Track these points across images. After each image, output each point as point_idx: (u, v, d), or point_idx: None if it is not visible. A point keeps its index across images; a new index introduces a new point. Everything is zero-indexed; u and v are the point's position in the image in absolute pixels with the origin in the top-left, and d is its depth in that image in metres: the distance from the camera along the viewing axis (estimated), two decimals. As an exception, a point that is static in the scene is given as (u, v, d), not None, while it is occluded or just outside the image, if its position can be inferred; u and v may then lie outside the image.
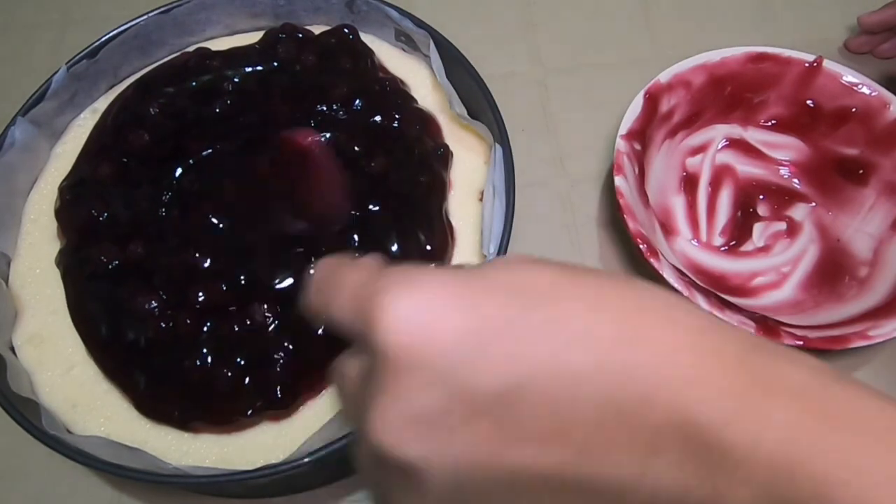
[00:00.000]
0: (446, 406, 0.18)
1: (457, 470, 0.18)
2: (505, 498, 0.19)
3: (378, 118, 0.42)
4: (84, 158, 0.43)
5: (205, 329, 0.36)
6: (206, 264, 0.37)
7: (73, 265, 0.39)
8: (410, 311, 0.18)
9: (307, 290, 0.22)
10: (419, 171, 0.40)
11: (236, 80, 0.44)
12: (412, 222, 0.38)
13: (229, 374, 0.35)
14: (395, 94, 0.43)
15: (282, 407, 0.35)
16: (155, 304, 0.36)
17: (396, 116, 0.42)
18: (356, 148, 0.40)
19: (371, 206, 0.39)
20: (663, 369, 0.17)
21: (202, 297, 0.36)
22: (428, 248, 0.38)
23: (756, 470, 0.17)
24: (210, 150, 0.41)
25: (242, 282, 0.37)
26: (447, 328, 0.18)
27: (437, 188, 0.40)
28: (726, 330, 0.19)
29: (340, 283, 0.21)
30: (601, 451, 0.18)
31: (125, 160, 0.41)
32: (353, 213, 0.39)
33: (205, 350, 0.35)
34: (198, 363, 0.35)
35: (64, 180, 0.42)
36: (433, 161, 0.41)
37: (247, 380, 0.35)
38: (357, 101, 0.42)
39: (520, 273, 0.19)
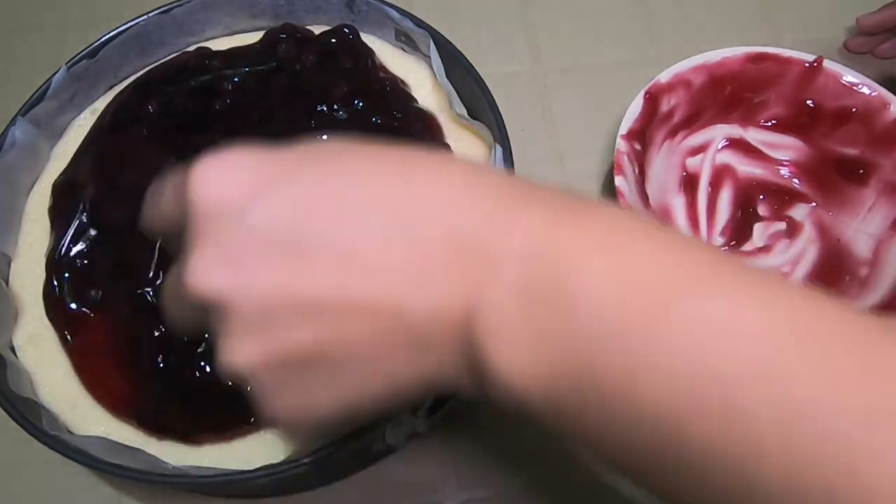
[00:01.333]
0: (246, 245, 0.21)
1: (258, 299, 0.21)
2: (303, 323, 0.21)
3: (378, 118, 0.42)
4: (80, 156, 0.43)
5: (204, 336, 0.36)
6: None
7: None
8: (215, 169, 0.22)
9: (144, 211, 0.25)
10: None
11: (236, 79, 0.44)
12: None
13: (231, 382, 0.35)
14: (395, 93, 0.43)
15: None
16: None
17: (397, 116, 0.42)
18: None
19: None
20: (436, 196, 0.20)
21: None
22: None
23: (509, 264, 0.19)
24: (209, 150, 0.41)
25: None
26: (244, 177, 0.21)
27: None
28: (492, 170, 0.22)
29: (164, 187, 0.24)
30: (380, 273, 0.20)
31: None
32: None
33: (203, 362, 0.35)
34: (198, 374, 0.35)
35: (58, 178, 0.42)
36: None
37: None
38: (357, 101, 0.42)
39: (322, 142, 0.23)
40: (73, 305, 0.38)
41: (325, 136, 0.41)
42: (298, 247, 0.20)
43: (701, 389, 0.17)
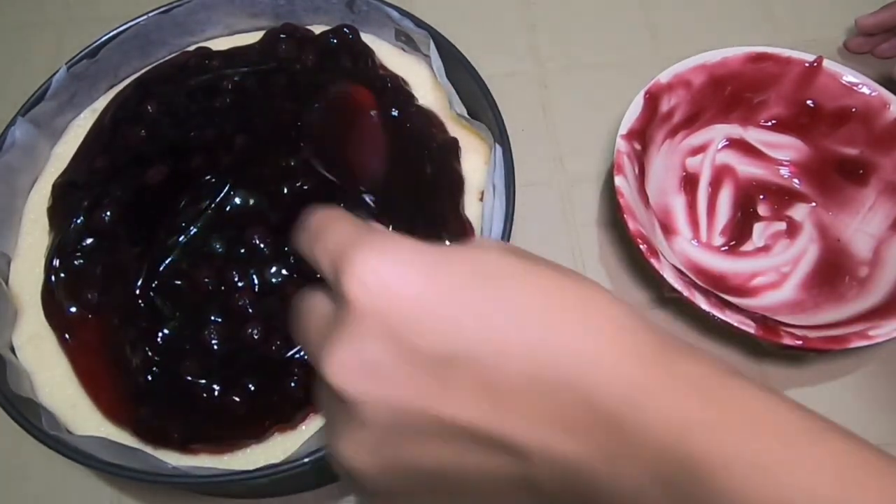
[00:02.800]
0: (393, 357, 0.20)
1: (391, 411, 0.21)
2: (429, 443, 0.21)
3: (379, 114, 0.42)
4: (79, 157, 0.43)
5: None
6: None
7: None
8: (378, 267, 0.21)
9: (302, 228, 0.25)
10: (430, 165, 0.40)
11: (236, 79, 0.44)
12: (426, 219, 0.38)
13: (237, 398, 0.35)
14: (395, 91, 0.43)
15: (287, 423, 0.35)
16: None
17: (400, 112, 0.42)
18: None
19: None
20: (583, 353, 0.20)
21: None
22: (447, 244, 0.38)
23: (647, 450, 0.18)
24: (206, 149, 0.41)
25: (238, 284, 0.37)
26: (408, 289, 0.20)
27: (452, 182, 0.40)
28: (645, 328, 0.21)
29: (330, 230, 0.23)
30: (515, 414, 0.20)
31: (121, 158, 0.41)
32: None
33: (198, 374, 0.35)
34: (190, 383, 0.35)
35: (58, 178, 0.42)
36: (446, 154, 0.41)
37: (255, 403, 0.35)
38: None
39: (486, 255, 0.22)
40: (71, 307, 0.38)
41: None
42: (442, 370, 0.20)
43: None
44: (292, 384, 0.35)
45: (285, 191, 0.38)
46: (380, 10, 0.45)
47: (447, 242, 0.38)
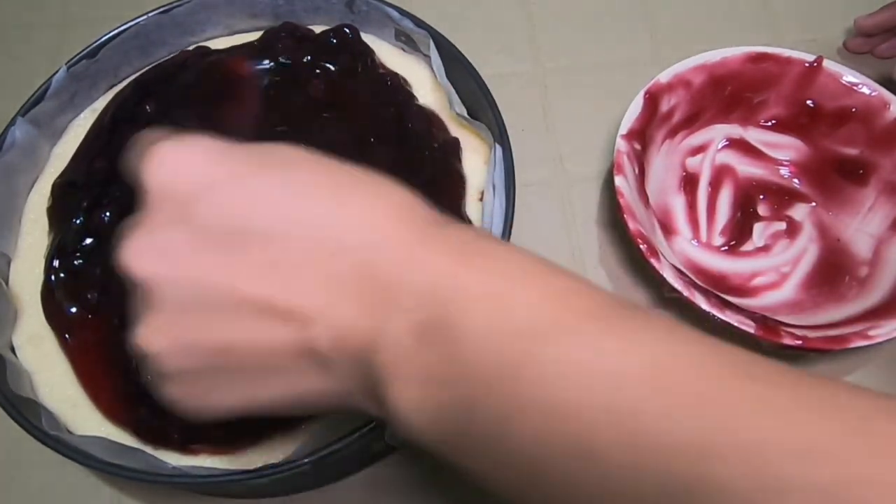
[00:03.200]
0: (185, 238, 0.22)
1: (182, 290, 0.22)
2: (219, 318, 0.22)
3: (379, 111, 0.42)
4: (78, 157, 0.43)
5: None
6: None
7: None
8: (171, 155, 0.22)
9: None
10: (431, 165, 0.40)
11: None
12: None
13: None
14: (396, 90, 0.44)
15: (287, 423, 0.35)
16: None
17: (401, 111, 0.42)
18: (372, 139, 0.40)
19: None
20: (360, 226, 0.21)
21: None
22: None
23: (409, 303, 0.20)
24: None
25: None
26: (199, 172, 0.22)
27: (453, 182, 0.40)
28: (420, 205, 0.23)
29: (140, 140, 0.24)
30: (298, 284, 0.21)
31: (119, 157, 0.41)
32: None
33: None
34: None
35: (58, 178, 0.42)
36: (447, 154, 0.41)
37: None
38: (358, 98, 0.42)
39: (278, 147, 0.23)
40: (71, 307, 0.38)
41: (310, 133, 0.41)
42: (230, 247, 0.21)
43: (563, 434, 0.18)
44: None
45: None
46: (380, 10, 0.45)
47: None
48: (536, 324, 0.19)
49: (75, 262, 0.38)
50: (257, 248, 0.21)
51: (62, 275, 0.38)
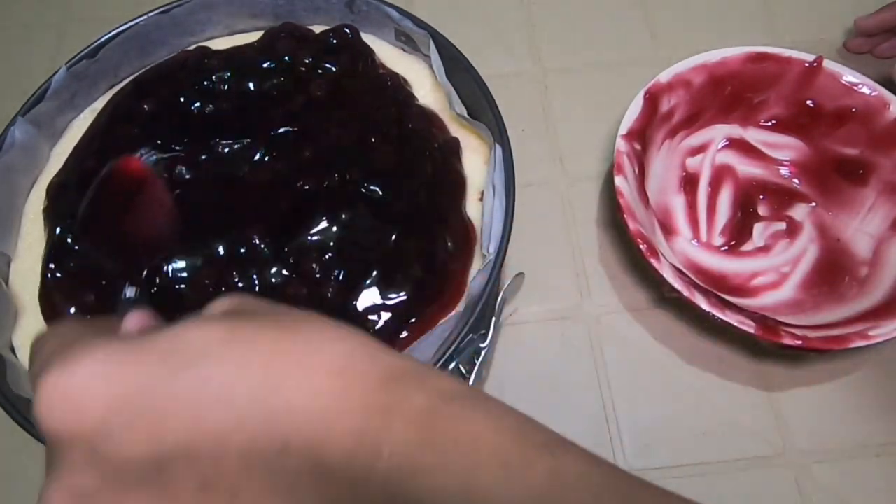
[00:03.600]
0: (100, 482, 0.19)
1: None
2: None
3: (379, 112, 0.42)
4: (73, 157, 0.43)
5: None
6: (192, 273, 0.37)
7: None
8: (59, 391, 0.19)
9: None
10: (432, 165, 0.40)
11: (234, 78, 0.44)
12: (428, 219, 0.38)
13: None
14: (396, 90, 0.44)
15: None
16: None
17: (402, 111, 0.42)
18: (373, 139, 0.40)
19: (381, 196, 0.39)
20: (297, 416, 0.19)
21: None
22: (449, 244, 0.38)
23: (375, 492, 0.18)
24: (205, 149, 0.41)
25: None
26: (94, 404, 0.19)
27: (454, 182, 0.40)
28: (364, 364, 0.20)
29: (35, 357, 0.22)
30: (250, 500, 0.19)
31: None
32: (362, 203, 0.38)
33: None
34: None
35: (53, 179, 0.42)
36: (447, 154, 0.41)
37: None
38: (357, 98, 0.42)
39: (182, 335, 0.20)
40: (69, 308, 0.38)
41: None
42: (156, 480, 0.19)
43: None
44: None
45: (285, 191, 0.38)
46: (380, 10, 0.45)
47: (449, 244, 0.38)
48: None
49: (71, 264, 0.38)
50: (184, 473, 0.19)
51: (58, 275, 0.38)
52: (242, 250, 0.37)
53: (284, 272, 0.37)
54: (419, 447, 0.19)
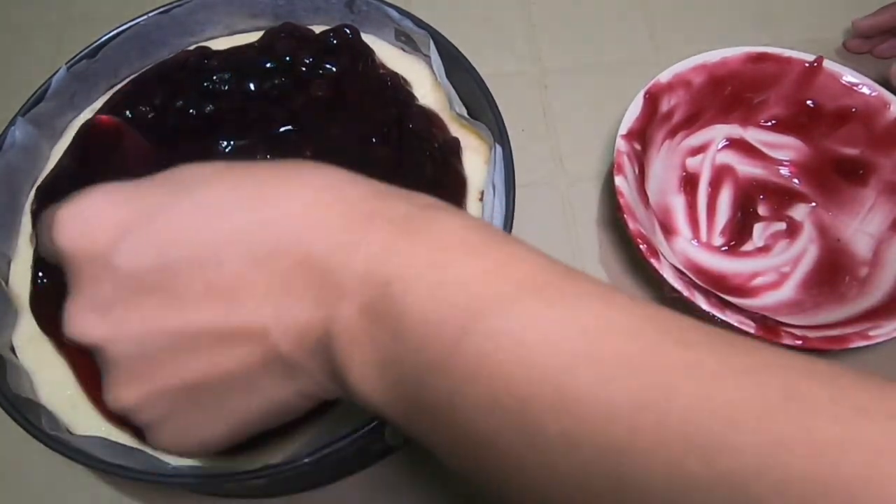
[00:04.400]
0: (117, 290, 0.21)
1: (133, 342, 0.21)
2: (178, 358, 0.21)
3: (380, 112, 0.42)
4: (64, 160, 0.42)
5: None
6: None
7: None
8: (76, 213, 0.22)
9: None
10: (432, 165, 0.40)
11: (234, 78, 0.44)
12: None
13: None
14: (396, 90, 0.44)
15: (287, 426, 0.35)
16: None
17: (402, 111, 0.42)
18: (373, 139, 0.40)
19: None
20: (287, 222, 0.21)
21: None
22: None
23: (353, 286, 0.20)
24: (202, 151, 0.40)
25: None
26: (106, 221, 0.21)
27: (454, 182, 0.40)
28: (350, 183, 0.22)
29: (46, 212, 0.24)
30: (245, 300, 0.21)
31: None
32: None
33: None
34: None
35: (42, 182, 0.42)
36: (447, 154, 0.41)
37: None
38: (358, 98, 0.42)
39: (181, 171, 0.23)
40: (61, 312, 0.37)
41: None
42: (165, 286, 0.21)
43: (503, 408, 0.18)
44: None
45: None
46: (380, 10, 0.45)
47: None
48: (474, 298, 0.19)
49: (56, 269, 0.38)
50: (189, 278, 0.21)
51: (45, 281, 0.38)
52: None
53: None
54: (393, 238, 0.20)
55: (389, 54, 0.46)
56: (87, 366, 0.37)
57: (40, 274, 0.39)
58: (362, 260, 0.20)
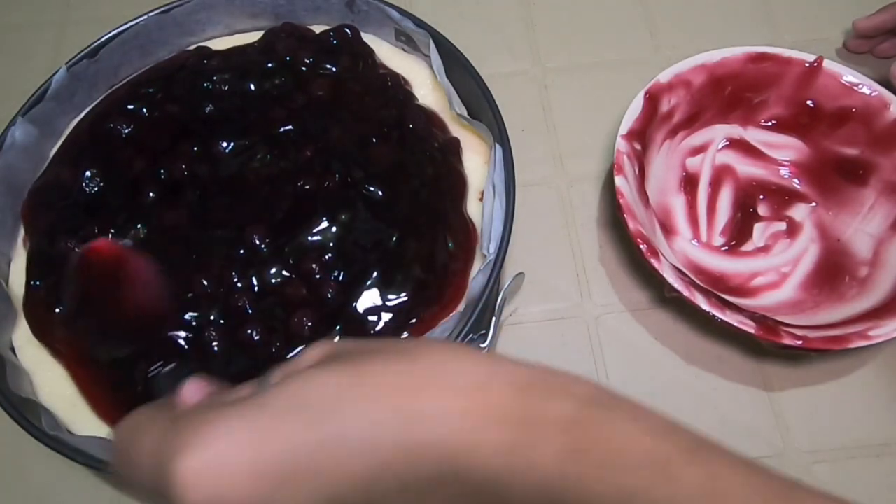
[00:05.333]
0: None
1: None
2: None
3: (381, 111, 0.42)
4: (54, 163, 0.43)
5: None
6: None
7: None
8: (201, 472, 0.19)
9: (114, 454, 0.23)
10: (432, 165, 0.40)
11: (235, 78, 0.44)
12: (428, 219, 0.38)
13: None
14: (396, 90, 0.44)
15: None
16: None
17: (402, 111, 0.42)
18: (374, 139, 0.41)
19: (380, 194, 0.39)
20: (442, 444, 0.19)
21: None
22: (450, 245, 0.38)
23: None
24: (202, 151, 0.40)
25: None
26: (240, 479, 0.19)
27: (454, 182, 0.40)
28: (493, 377, 0.20)
29: (139, 449, 0.21)
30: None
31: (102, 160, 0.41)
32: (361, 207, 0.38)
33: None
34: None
35: (35, 183, 0.42)
36: (447, 154, 0.41)
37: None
38: (359, 99, 0.42)
39: (303, 389, 0.20)
40: (51, 321, 0.37)
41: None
42: None
43: None
44: None
45: (285, 191, 0.38)
46: (380, 10, 0.45)
47: (450, 244, 0.38)
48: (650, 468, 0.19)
49: (50, 276, 0.38)
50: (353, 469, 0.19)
51: (38, 284, 0.38)
52: (242, 251, 0.37)
53: (284, 272, 0.37)
54: (572, 456, 0.19)
55: (389, 54, 0.46)
56: (81, 375, 0.37)
57: (34, 282, 0.39)
58: (536, 485, 0.19)
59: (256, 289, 0.36)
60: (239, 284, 0.36)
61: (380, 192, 0.38)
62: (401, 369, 0.20)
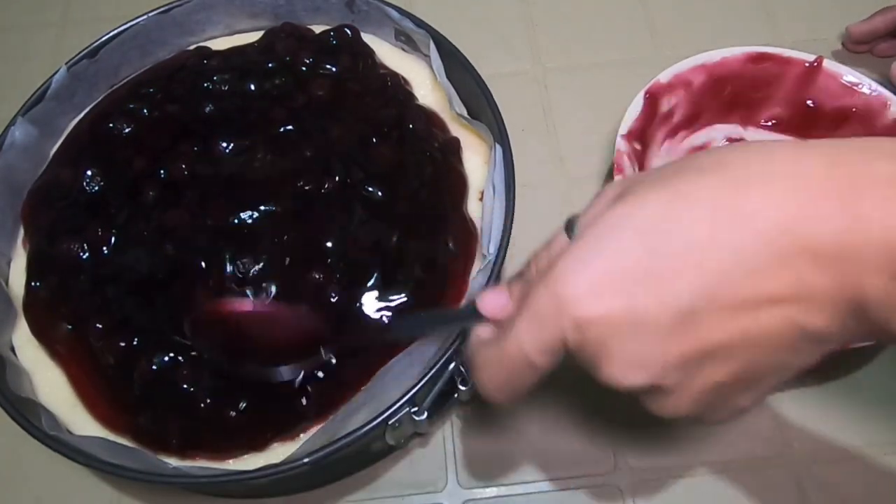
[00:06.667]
0: (651, 338, 0.22)
1: (680, 364, 0.23)
2: (722, 360, 0.23)
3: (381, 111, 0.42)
4: (60, 158, 0.43)
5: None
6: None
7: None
8: (589, 289, 0.23)
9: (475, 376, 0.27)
10: (432, 164, 0.40)
11: (235, 79, 0.44)
12: (429, 218, 0.38)
13: (232, 413, 0.34)
14: (396, 89, 0.44)
15: (287, 434, 0.35)
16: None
17: (402, 111, 0.42)
18: (374, 139, 0.41)
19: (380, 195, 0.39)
20: (775, 227, 0.21)
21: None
22: (450, 245, 0.38)
23: (879, 259, 0.20)
24: (202, 151, 0.40)
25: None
26: (617, 281, 0.23)
27: (454, 181, 0.40)
28: (810, 157, 0.22)
29: (509, 325, 0.25)
30: (766, 274, 0.21)
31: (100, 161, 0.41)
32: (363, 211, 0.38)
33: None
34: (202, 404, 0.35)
35: (35, 183, 0.42)
36: (447, 154, 0.41)
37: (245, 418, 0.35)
38: (358, 98, 0.42)
39: (619, 216, 0.24)
40: (52, 323, 0.37)
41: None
42: (687, 328, 0.22)
43: None
44: (302, 400, 0.35)
45: (286, 191, 0.38)
46: (380, 9, 0.45)
47: (450, 245, 0.38)
48: None
49: (50, 277, 0.38)
50: (710, 317, 0.22)
51: (38, 285, 0.38)
52: (241, 251, 0.37)
53: (284, 272, 0.36)
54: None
55: (389, 54, 0.46)
56: (80, 377, 0.37)
57: (33, 283, 0.39)
58: (876, 236, 0.20)
59: (256, 291, 0.36)
60: (239, 286, 0.36)
61: (380, 193, 0.38)
62: (710, 183, 0.23)
